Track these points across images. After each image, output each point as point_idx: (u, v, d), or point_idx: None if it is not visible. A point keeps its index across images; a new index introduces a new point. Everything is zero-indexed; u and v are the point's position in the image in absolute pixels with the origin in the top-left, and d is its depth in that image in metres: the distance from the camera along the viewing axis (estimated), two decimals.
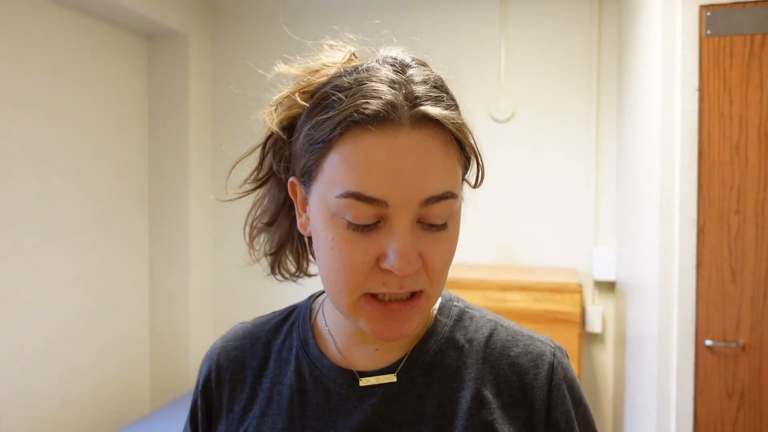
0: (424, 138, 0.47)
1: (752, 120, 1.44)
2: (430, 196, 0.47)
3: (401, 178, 0.46)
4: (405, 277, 0.48)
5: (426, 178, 0.46)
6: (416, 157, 0.46)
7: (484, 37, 2.52)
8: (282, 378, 0.60)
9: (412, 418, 0.55)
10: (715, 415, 1.48)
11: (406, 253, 0.46)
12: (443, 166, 0.48)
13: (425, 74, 0.51)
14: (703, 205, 1.48)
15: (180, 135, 2.70)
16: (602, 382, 2.43)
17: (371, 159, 0.46)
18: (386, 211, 0.47)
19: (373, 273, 0.48)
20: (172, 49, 2.70)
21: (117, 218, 2.57)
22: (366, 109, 0.46)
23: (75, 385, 2.35)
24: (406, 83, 0.49)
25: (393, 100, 0.47)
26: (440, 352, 0.58)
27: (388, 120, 0.46)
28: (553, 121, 2.44)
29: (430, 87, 0.50)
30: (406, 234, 0.47)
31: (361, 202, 0.46)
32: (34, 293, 2.17)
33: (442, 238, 0.50)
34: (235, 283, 2.84)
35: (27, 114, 2.14)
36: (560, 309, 1.94)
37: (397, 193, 0.46)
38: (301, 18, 2.74)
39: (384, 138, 0.46)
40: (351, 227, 0.48)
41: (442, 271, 0.51)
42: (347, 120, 0.47)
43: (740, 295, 1.46)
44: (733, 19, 1.45)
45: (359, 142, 0.46)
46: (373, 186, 0.46)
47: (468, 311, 0.62)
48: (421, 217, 0.48)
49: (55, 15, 2.25)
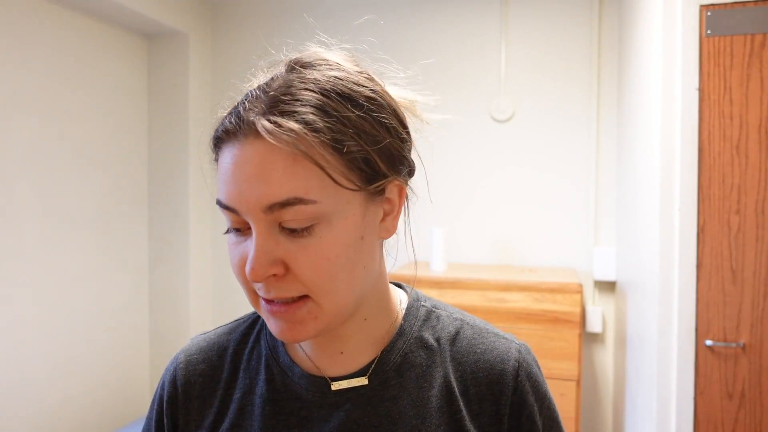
0: (265, 147, 0.47)
1: (752, 120, 1.44)
2: (271, 203, 0.47)
3: (242, 188, 0.48)
4: (257, 282, 0.49)
5: (264, 186, 0.47)
6: (255, 166, 0.48)
7: (484, 37, 2.52)
8: (253, 388, 0.59)
9: (386, 420, 0.55)
10: (715, 415, 1.47)
11: (254, 258, 0.48)
12: (289, 172, 0.47)
13: (314, 77, 0.51)
14: (703, 205, 1.48)
15: (180, 135, 2.70)
16: (602, 382, 2.43)
17: (224, 170, 0.50)
18: (243, 219, 0.49)
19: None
20: (172, 49, 2.70)
21: (117, 218, 2.57)
22: (223, 124, 0.51)
23: (75, 384, 2.35)
24: (260, 94, 0.50)
25: (241, 113, 0.49)
26: (410, 352, 0.59)
27: (237, 133, 0.49)
28: (553, 121, 2.44)
29: (307, 95, 0.49)
30: (258, 241, 0.48)
31: (224, 210, 0.50)
32: (34, 293, 2.17)
33: (305, 245, 0.48)
34: (235, 283, 2.84)
35: (27, 114, 2.14)
36: (560, 309, 1.94)
37: (241, 202, 0.48)
38: (301, 18, 2.74)
39: (233, 150, 0.49)
40: (231, 231, 0.52)
41: (316, 277, 0.49)
42: (214, 137, 0.52)
43: (740, 295, 1.46)
44: (734, 19, 1.45)
45: (222, 155, 0.51)
46: (226, 195, 0.49)
47: (435, 311, 0.63)
48: (280, 221, 0.49)
49: (55, 15, 2.25)
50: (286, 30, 2.77)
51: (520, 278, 2.04)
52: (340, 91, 0.50)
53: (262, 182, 0.47)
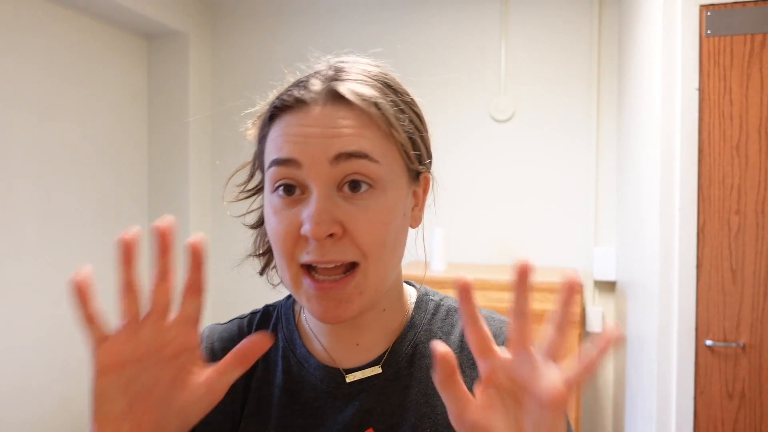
0: (336, 111, 0.51)
1: (752, 120, 1.44)
2: (339, 152, 0.49)
3: (311, 142, 0.50)
4: (320, 241, 0.49)
5: (335, 139, 0.50)
6: (325, 124, 0.50)
7: (484, 37, 2.52)
8: (271, 378, 0.61)
9: (398, 408, 0.57)
10: (715, 415, 1.47)
11: (316, 215, 0.48)
12: (357, 132, 0.50)
13: (363, 68, 0.55)
14: (703, 205, 1.48)
15: (180, 135, 2.70)
16: (602, 382, 2.43)
17: (286, 132, 0.51)
18: (303, 176, 0.50)
19: (299, 242, 0.51)
20: (172, 49, 2.70)
21: (117, 218, 2.57)
22: (288, 96, 0.52)
23: (75, 384, 2.35)
24: (334, 72, 0.54)
25: (313, 86, 0.52)
26: (421, 343, 0.60)
27: (303, 101, 0.51)
28: (553, 121, 2.44)
29: (362, 77, 0.53)
30: (319, 198, 0.49)
31: (280, 166, 0.51)
32: (34, 293, 2.17)
33: (365, 207, 0.50)
34: (235, 284, 2.84)
35: (27, 114, 2.14)
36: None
37: (307, 153, 0.49)
38: (301, 18, 2.74)
39: (298, 114, 0.51)
40: (280, 198, 0.51)
41: (371, 240, 0.50)
42: (272, 107, 0.53)
43: (740, 295, 1.46)
44: (733, 19, 1.45)
45: (280, 123, 0.52)
46: (288, 150, 0.50)
47: (443, 304, 0.65)
48: (339, 182, 0.50)
49: (55, 15, 2.25)
50: (286, 30, 2.77)
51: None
52: (389, 82, 0.55)
53: (332, 136, 0.50)
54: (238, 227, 0.65)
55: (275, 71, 0.62)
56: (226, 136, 2.80)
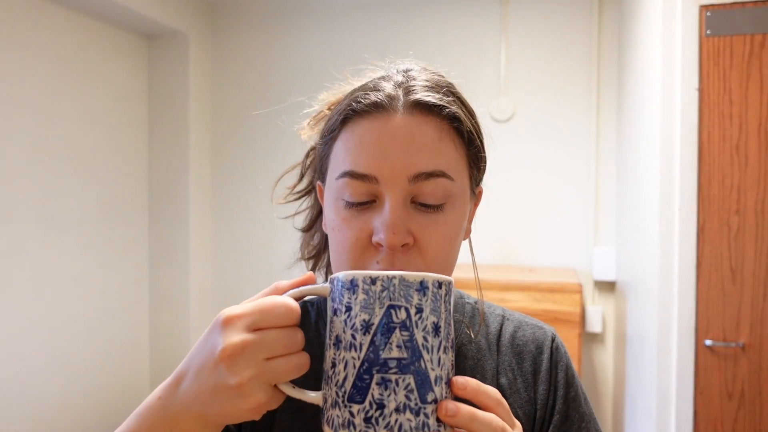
0: (416, 122, 0.50)
1: (752, 120, 1.44)
2: (420, 172, 0.49)
3: (391, 156, 0.49)
4: (393, 250, 0.49)
5: (415, 156, 0.49)
6: (406, 137, 0.49)
7: (484, 37, 2.52)
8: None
9: None
10: (715, 415, 1.48)
11: (392, 224, 0.48)
12: (435, 147, 0.50)
13: (430, 76, 0.55)
14: (703, 205, 1.48)
15: (180, 134, 2.70)
16: (602, 382, 2.43)
17: (364, 141, 0.50)
18: (378, 189, 0.49)
19: (368, 250, 0.50)
20: (172, 49, 2.70)
21: (117, 218, 2.57)
22: (365, 99, 0.51)
23: (75, 384, 2.35)
24: (406, 80, 0.53)
25: (390, 92, 0.51)
26: (462, 345, 0.61)
27: (383, 108, 0.50)
28: (553, 121, 2.44)
29: (433, 85, 0.53)
30: (394, 208, 0.49)
31: (355, 180, 0.50)
32: (34, 293, 2.17)
33: (436, 221, 0.50)
34: (235, 284, 2.84)
35: (27, 113, 2.14)
36: (560, 309, 1.94)
37: (386, 169, 0.49)
38: (300, 18, 2.74)
39: (377, 122, 0.50)
40: (348, 206, 0.51)
41: (438, 255, 0.51)
42: (347, 109, 0.52)
43: (740, 295, 1.46)
44: (733, 19, 1.45)
45: (356, 128, 0.51)
46: (364, 163, 0.49)
47: (478, 307, 0.66)
48: (414, 196, 0.50)
49: (55, 15, 2.25)
50: (286, 30, 2.77)
51: (520, 278, 2.04)
52: (453, 90, 0.55)
53: (413, 152, 0.49)
54: (238, 227, 0.65)
55: (275, 71, 0.62)
56: (226, 136, 2.80)
